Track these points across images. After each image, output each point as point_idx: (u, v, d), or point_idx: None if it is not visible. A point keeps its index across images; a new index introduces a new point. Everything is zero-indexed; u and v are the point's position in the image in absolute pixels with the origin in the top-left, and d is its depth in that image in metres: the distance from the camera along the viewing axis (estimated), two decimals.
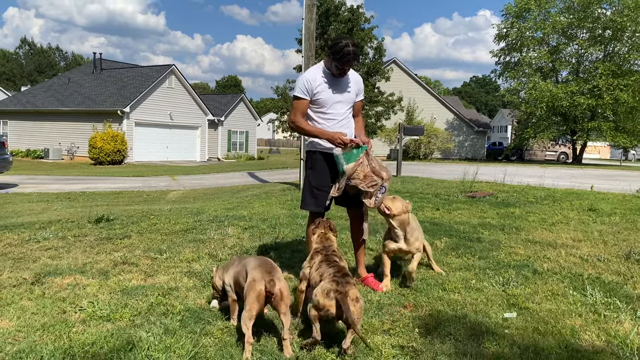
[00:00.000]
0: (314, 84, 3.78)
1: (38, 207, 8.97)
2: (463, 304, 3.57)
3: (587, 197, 9.41)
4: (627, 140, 32.78)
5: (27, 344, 2.86)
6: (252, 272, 2.91)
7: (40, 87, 34.86)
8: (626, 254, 4.98)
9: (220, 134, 35.60)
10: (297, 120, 3.85)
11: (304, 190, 4.01)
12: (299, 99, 3.82)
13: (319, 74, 3.84)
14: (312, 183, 3.90)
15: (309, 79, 3.80)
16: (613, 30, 32.20)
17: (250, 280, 2.86)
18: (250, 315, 2.77)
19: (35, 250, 5.11)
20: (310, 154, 3.95)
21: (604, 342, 2.98)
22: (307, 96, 3.80)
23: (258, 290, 2.80)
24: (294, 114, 3.85)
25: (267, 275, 2.84)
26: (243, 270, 3.05)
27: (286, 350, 2.74)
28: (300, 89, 3.80)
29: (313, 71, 3.87)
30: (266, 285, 2.80)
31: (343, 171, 3.70)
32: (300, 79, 3.84)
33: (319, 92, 3.79)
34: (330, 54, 3.70)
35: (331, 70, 3.80)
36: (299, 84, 3.82)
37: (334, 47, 3.65)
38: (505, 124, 65.84)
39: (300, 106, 3.83)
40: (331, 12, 29.71)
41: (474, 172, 12.74)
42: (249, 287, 2.84)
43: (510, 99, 37.19)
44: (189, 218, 6.78)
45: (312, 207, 3.92)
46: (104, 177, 17.23)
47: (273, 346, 2.86)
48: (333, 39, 3.86)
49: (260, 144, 57.29)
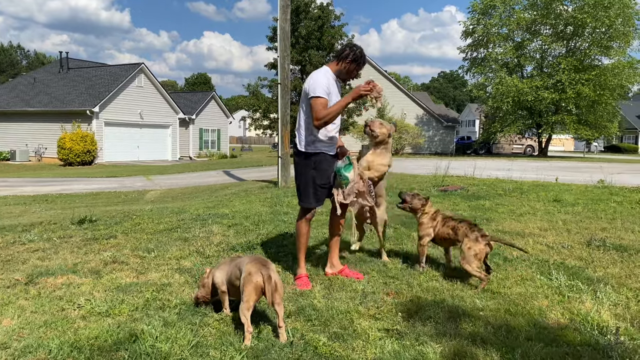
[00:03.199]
0: (330, 88, 3.98)
1: (16, 209, 8.92)
2: (441, 290, 3.86)
3: (552, 189, 9.88)
4: (589, 133, 33.94)
5: (33, 339, 3.00)
6: (247, 266, 3.10)
7: (4, 87, 33.98)
8: (587, 241, 5.36)
9: (192, 132, 35.38)
10: (324, 113, 3.93)
11: (305, 188, 4.14)
12: (322, 98, 3.93)
13: (330, 77, 4.04)
14: (316, 181, 4.08)
15: (327, 83, 3.99)
16: (574, 27, 33.25)
17: (247, 274, 3.05)
18: (248, 306, 2.97)
19: (23, 252, 5.18)
20: (311, 155, 4.10)
21: (567, 320, 3.30)
22: (327, 97, 3.96)
23: (254, 282, 3.00)
24: (320, 110, 3.92)
25: (262, 268, 3.05)
26: (236, 269, 3.24)
27: (281, 337, 2.97)
28: (323, 89, 3.94)
29: (325, 74, 4.04)
30: (262, 277, 3.01)
31: (347, 180, 4.03)
32: (320, 82, 3.95)
33: (332, 95, 4.00)
34: (352, 61, 3.99)
35: (341, 76, 4.08)
36: (319, 86, 3.93)
37: (353, 54, 3.99)
38: (473, 119, 67.08)
39: (325, 103, 3.94)
40: (301, 10, 29.86)
41: (445, 166, 13.14)
42: (245, 280, 3.03)
43: (477, 94, 38.01)
44: (172, 217, 6.90)
45: (314, 204, 4.13)
46: (77, 178, 17.04)
47: (269, 333, 3.08)
48: (345, 48, 4.06)
49: (231, 141, 56.98)
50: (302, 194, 4.16)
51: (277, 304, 3.02)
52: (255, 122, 32.96)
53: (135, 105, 29.64)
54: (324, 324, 3.22)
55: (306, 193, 4.13)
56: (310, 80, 4.00)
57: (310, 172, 4.09)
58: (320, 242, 5.40)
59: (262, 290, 3.01)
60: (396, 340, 2.98)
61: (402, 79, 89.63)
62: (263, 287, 2.99)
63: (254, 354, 2.81)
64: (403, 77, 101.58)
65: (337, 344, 2.93)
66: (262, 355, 2.80)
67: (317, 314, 3.35)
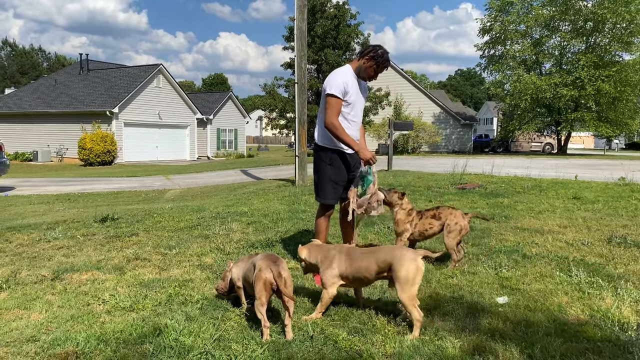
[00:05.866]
0: (348, 87, 3.97)
1: (40, 208, 9.13)
2: (459, 286, 3.87)
3: (572, 186, 9.78)
4: (609, 130, 33.41)
5: (61, 332, 3.10)
6: (258, 263, 3.15)
7: (26, 89, 34.64)
8: (608, 238, 5.31)
9: (209, 132, 35.67)
10: (336, 123, 3.93)
11: (321, 184, 4.18)
12: (336, 98, 3.93)
13: (350, 76, 4.03)
14: (332, 178, 4.12)
15: (345, 81, 3.97)
16: (594, 22, 32.75)
17: (257, 270, 3.10)
18: (261, 302, 3.01)
19: (48, 249, 5.31)
20: (327, 150, 4.13)
21: (587, 316, 3.29)
22: (342, 96, 3.96)
23: (264, 279, 3.04)
24: (333, 114, 3.92)
25: (273, 265, 3.08)
26: (251, 266, 3.29)
27: (288, 334, 3.00)
28: (338, 88, 3.92)
29: (345, 73, 4.03)
30: (272, 273, 3.05)
31: (365, 190, 4.03)
32: (337, 80, 3.96)
33: (351, 94, 4.00)
34: (371, 58, 3.96)
35: (360, 74, 4.05)
36: (335, 83, 3.94)
37: (374, 51, 3.96)
38: (491, 117, 66.48)
39: (338, 105, 3.94)
40: (317, 9, 29.91)
41: (462, 164, 13.08)
42: (256, 277, 3.08)
43: (495, 92, 37.67)
44: (192, 215, 7.00)
45: (332, 200, 4.18)
46: (98, 178, 17.33)
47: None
48: (369, 46, 4.08)
49: (248, 141, 57.34)
50: (319, 190, 4.21)
51: (287, 301, 3.05)
52: (271, 121, 33.14)
53: (153, 106, 30.00)
54: (344, 319, 3.26)
55: (322, 188, 4.18)
56: (329, 78, 4.04)
57: (326, 168, 4.13)
58: (339, 239, 5.44)
59: (273, 287, 3.06)
60: None
61: (418, 77, 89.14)
62: (272, 284, 3.04)
63: (275, 347, 2.86)
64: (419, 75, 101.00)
65: (357, 339, 2.97)
66: (283, 349, 2.85)
67: (337, 309, 3.40)
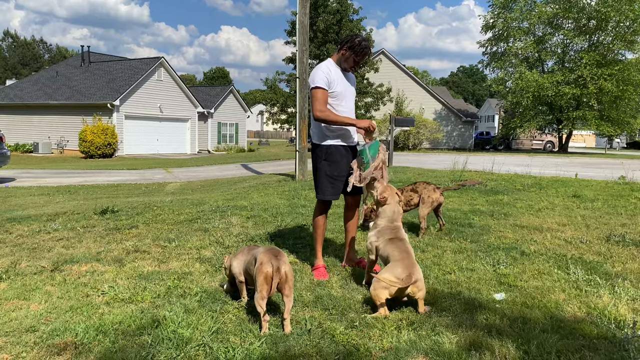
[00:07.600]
0: (331, 77, 4.00)
1: (40, 200, 9.14)
2: (457, 282, 3.89)
3: (572, 185, 9.78)
4: (611, 129, 33.33)
5: (60, 323, 3.11)
6: (260, 256, 3.16)
7: (27, 80, 34.61)
8: (606, 237, 5.33)
9: (210, 126, 35.65)
10: (325, 110, 3.97)
11: (320, 180, 4.18)
12: (321, 89, 3.96)
13: (332, 67, 4.07)
14: (328, 173, 4.12)
15: (327, 71, 4.00)
16: (597, 20, 32.61)
17: (259, 264, 3.11)
18: (261, 295, 3.02)
19: (48, 240, 5.33)
20: (322, 146, 4.14)
21: (584, 314, 3.30)
22: (327, 87, 3.98)
23: (265, 272, 3.05)
24: (320, 104, 3.96)
25: (274, 259, 3.09)
26: (252, 259, 3.30)
27: (286, 328, 3.02)
28: (322, 79, 3.96)
29: (327, 65, 4.07)
30: (272, 267, 3.06)
31: (368, 162, 3.97)
32: (318, 72, 4.00)
33: (336, 84, 4.02)
34: (348, 48, 4.00)
35: (342, 65, 4.09)
36: (317, 75, 3.97)
37: (351, 41, 4.00)
38: (492, 114, 66.36)
39: (324, 96, 3.97)
40: (320, 4, 29.82)
41: (463, 161, 13.08)
42: (257, 271, 3.09)
43: (497, 89, 37.56)
44: (192, 209, 7.02)
45: (330, 196, 4.16)
46: (98, 170, 17.34)
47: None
48: (347, 36, 4.10)
49: (249, 135, 57.34)
50: (317, 186, 4.22)
51: (286, 296, 3.06)
52: (272, 116, 33.11)
53: (155, 99, 29.97)
54: (341, 313, 3.28)
55: (320, 185, 4.18)
56: (311, 74, 4.06)
57: (322, 163, 4.14)
58: (338, 234, 5.46)
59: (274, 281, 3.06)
60: (412, 330, 3.03)
61: (420, 74, 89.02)
62: (274, 278, 3.05)
63: (273, 340, 2.88)
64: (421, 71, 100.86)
65: (354, 333, 2.99)
66: (281, 342, 2.86)
67: (334, 303, 3.41)
